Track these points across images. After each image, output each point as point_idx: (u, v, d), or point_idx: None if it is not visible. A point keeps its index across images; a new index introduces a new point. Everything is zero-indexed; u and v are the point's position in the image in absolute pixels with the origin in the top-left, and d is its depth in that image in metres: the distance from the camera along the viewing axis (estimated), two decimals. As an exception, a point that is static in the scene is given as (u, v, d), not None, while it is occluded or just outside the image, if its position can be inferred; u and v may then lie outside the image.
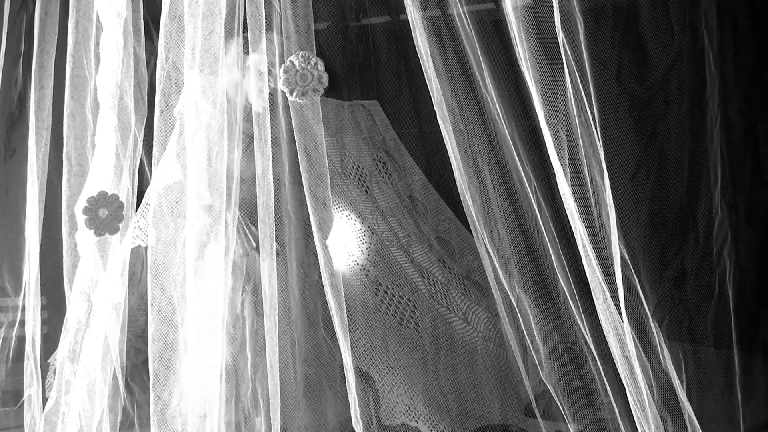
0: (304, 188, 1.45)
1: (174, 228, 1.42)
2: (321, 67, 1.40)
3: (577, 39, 1.22)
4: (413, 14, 1.36)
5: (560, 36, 1.22)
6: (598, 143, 1.22)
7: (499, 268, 1.31)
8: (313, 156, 1.46)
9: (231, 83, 1.67)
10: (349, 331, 1.43)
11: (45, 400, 1.65)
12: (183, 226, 1.41)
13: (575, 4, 1.22)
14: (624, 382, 1.25)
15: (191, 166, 1.40)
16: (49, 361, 1.82)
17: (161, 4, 1.45)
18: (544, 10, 1.24)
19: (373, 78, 1.90)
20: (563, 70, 1.22)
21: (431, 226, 1.82)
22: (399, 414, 1.48)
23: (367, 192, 2.03)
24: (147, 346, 1.41)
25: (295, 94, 1.40)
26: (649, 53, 1.55)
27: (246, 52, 1.60)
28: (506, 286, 1.31)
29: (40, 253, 1.69)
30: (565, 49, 1.22)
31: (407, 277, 1.84)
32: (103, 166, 1.54)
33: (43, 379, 1.74)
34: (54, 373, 1.70)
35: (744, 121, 1.57)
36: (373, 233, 1.97)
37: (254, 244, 1.68)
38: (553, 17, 1.22)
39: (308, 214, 1.46)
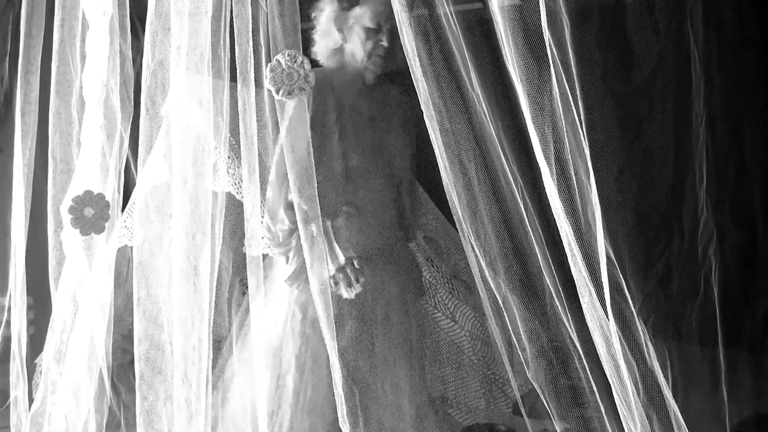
0: (291, 186, 1.45)
1: (160, 227, 1.41)
2: (307, 65, 1.39)
3: (564, 39, 1.23)
4: (400, 14, 1.36)
5: (546, 36, 1.22)
6: (583, 142, 1.23)
7: (485, 267, 1.32)
8: (299, 154, 1.46)
9: (327, 49, 1.52)
10: (336, 329, 1.43)
11: (32, 401, 1.64)
12: (169, 225, 1.40)
13: (561, 4, 1.23)
14: (610, 380, 1.25)
15: (177, 165, 1.39)
16: (35, 361, 1.80)
17: (147, 3, 1.45)
18: (530, 9, 1.24)
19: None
20: (549, 70, 1.23)
21: (419, 225, 1.82)
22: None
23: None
24: (133, 346, 1.41)
25: (281, 92, 1.40)
26: (634, 53, 1.56)
27: (345, 8, 1.46)
28: (492, 285, 1.32)
29: (26, 253, 1.68)
30: (551, 49, 1.22)
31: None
32: (88, 165, 1.53)
33: (30, 379, 1.73)
34: (41, 373, 1.69)
35: (729, 120, 1.58)
36: (361, 232, 1.96)
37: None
38: (540, 17, 1.23)
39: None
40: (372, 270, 1.49)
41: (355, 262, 1.42)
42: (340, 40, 1.52)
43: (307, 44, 1.56)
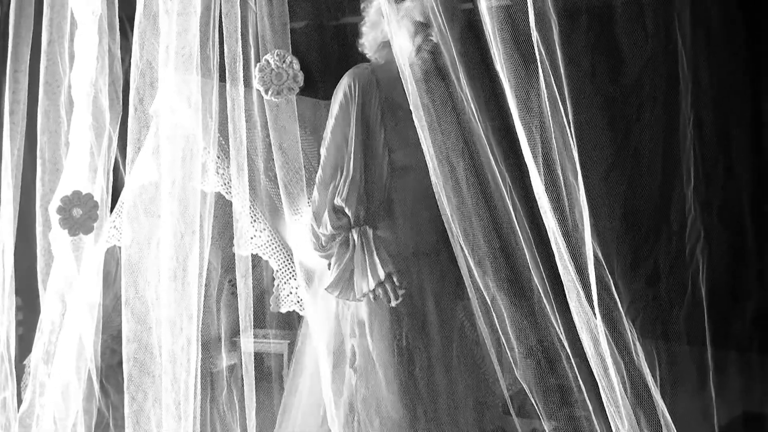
0: (279, 185, 1.44)
1: (148, 227, 1.41)
2: (296, 66, 1.39)
3: (552, 39, 1.23)
4: (388, 12, 1.36)
5: (535, 36, 1.23)
6: (571, 143, 1.23)
7: (473, 267, 1.32)
8: (288, 153, 1.46)
9: (375, 42, 1.47)
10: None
11: (21, 402, 1.63)
12: (157, 225, 1.40)
13: (550, 5, 1.23)
14: (597, 380, 1.26)
15: (166, 165, 1.39)
16: (24, 362, 1.79)
17: (136, 2, 1.44)
18: (519, 10, 1.24)
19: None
20: (537, 70, 1.23)
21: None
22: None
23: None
24: (122, 347, 1.40)
25: (270, 92, 1.40)
26: (623, 54, 1.57)
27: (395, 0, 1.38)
28: (481, 285, 1.32)
29: (14, 254, 1.67)
30: (539, 49, 1.23)
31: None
32: (77, 165, 1.53)
33: (19, 381, 1.71)
34: (29, 375, 1.68)
35: (716, 121, 1.60)
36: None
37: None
38: (528, 17, 1.23)
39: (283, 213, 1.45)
40: (429, 267, 1.46)
41: (395, 278, 1.41)
42: (388, 33, 1.45)
43: (356, 36, 1.52)
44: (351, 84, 1.46)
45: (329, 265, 1.47)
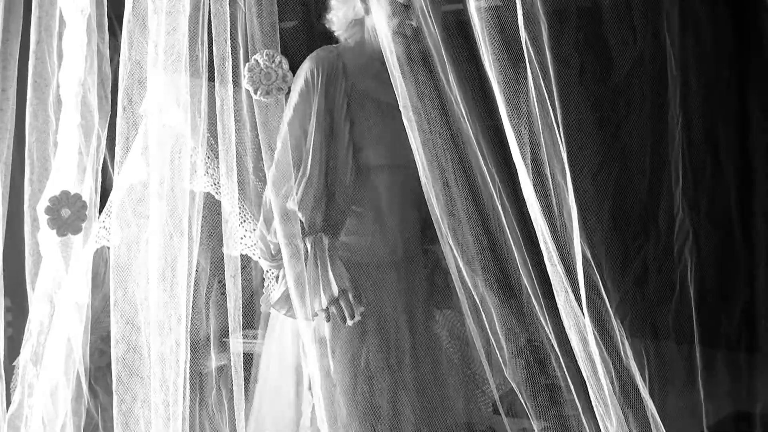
0: (268, 188, 1.44)
1: (137, 228, 1.40)
2: (285, 65, 1.39)
3: (540, 40, 1.23)
4: (378, 12, 1.36)
5: (523, 37, 1.23)
6: (560, 143, 1.24)
7: (463, 267, 1.32)
8: (277, 153, 1.45)
9: (345, 20, 1.34)
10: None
11: (11, 403, 1.63)
12: (146, 226, 1.39)
13: (539, 6, 1.23)
14: (586, 379, 1.26)
15: (154, 165, 1.38)
16: (14, 364, 1.79)
17: (125, 1, 1.44)
18: (507, 11, 1.25)
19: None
20: (526, 71, 1.23)
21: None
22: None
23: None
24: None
25: (259, 92, 1.39)
26: (611, 55, 1.57)
27: None
28: (470, 285, 1.32)
29: (2, 254, 1.66)
30: (528, 50, 1.23)
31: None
32: (65, 165, 1.52)
33: (9, 382, 1.71)
34: (18, 376, 1.67)
35: (705, 121, 1.61)
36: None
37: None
38: (517, 18, 1.23)
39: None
40: (407, 274, 1.38)
41: (351, 295, 1.28)
42: (361, 11, 1.33)
43: (322, 10, 1.43)
44: (313, 69, 1.33)
45: (277, 277, 1.36)
